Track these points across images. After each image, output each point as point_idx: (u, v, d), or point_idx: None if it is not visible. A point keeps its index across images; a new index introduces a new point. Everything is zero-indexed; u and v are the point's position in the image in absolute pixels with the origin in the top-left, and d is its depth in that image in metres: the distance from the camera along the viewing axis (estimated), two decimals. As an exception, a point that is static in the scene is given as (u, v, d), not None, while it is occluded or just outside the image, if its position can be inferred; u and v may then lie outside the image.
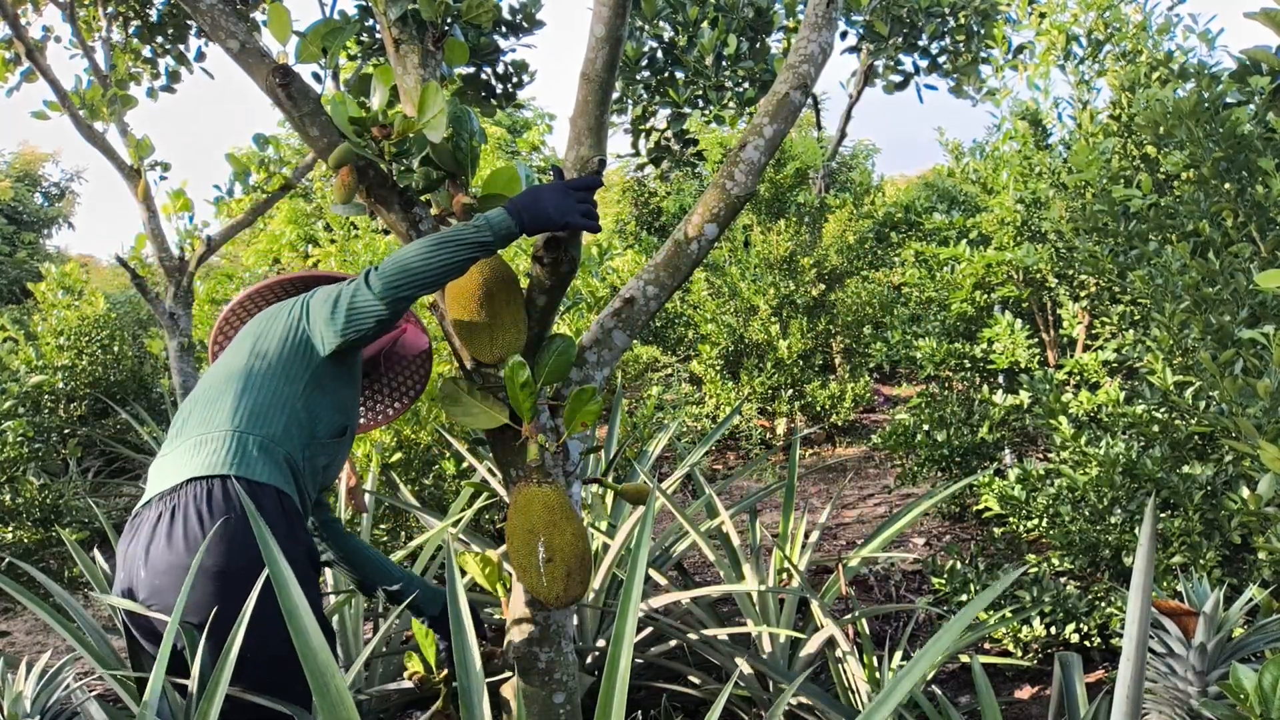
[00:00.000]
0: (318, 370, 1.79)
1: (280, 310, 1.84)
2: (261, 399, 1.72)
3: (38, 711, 1.49)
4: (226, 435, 1.67)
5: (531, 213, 1.64)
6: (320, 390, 1.79)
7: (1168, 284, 2.13)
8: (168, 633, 1.42)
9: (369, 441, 3.71)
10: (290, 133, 9.13)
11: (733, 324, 6.42)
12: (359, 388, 1.96)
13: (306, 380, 1.77)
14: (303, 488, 1.78)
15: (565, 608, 1.73)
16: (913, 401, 3.84)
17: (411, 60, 2.03)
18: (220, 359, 1.84)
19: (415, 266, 1.62)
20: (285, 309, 1.84)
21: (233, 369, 1.77)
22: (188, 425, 1.74)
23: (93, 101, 4.62)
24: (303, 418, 1.76)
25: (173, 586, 1.56)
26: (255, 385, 1.73)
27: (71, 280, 6.56)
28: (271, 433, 1.71)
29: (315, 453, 1.80)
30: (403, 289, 1.63)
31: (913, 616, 2.88)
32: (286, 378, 1.75)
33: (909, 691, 1.23)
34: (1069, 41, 3.25)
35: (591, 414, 1.76)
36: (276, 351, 1.76)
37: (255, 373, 1.74)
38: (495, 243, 1.64)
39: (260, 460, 1.67)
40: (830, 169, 9.01)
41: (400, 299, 1.65)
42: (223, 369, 1.79)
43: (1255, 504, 1.97)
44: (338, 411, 1.84)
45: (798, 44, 2.12)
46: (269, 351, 1.77)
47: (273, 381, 1.74)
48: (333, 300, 1.72)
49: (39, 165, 16.48)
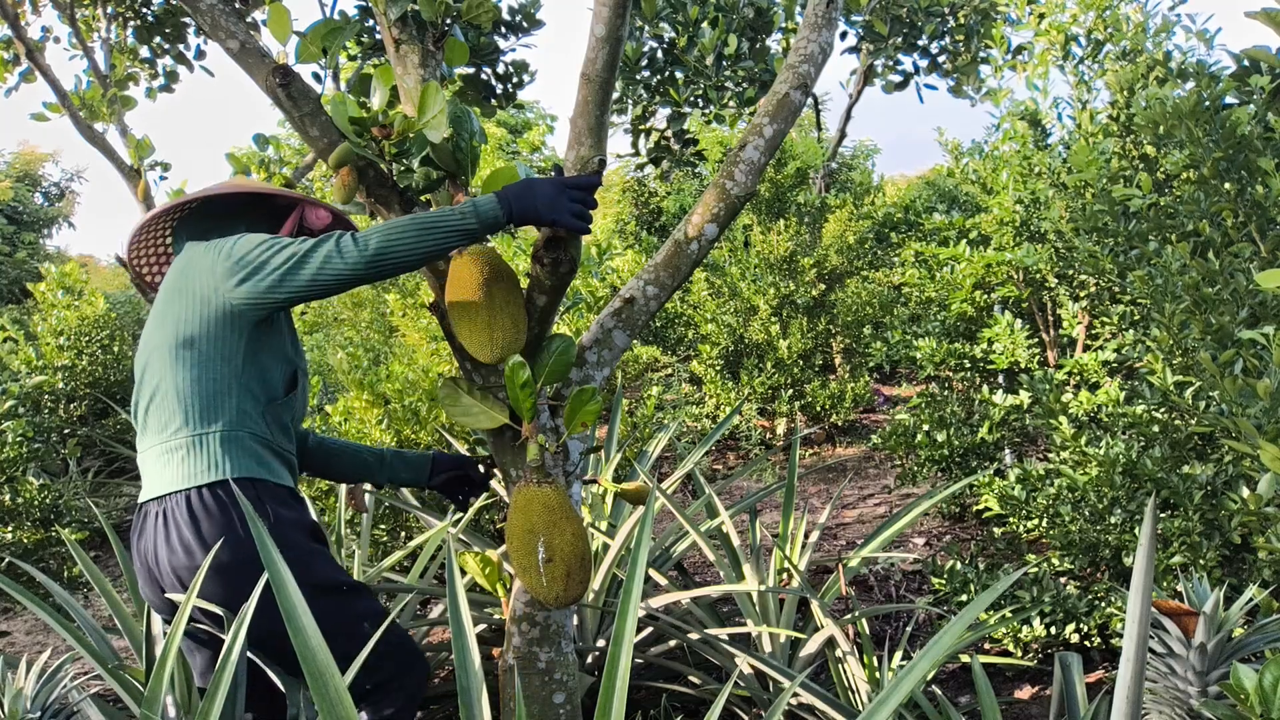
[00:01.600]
0: (251, 334, 1.74)
1: (189, 273, 1.74)
2: (206, 390, 1.70)
3: (38, 709, 1.49)
4: (187, 442, 1.69)
5: (521, 204, 1.62)
6: (260, 351, 1.76)
7: (1168, 284, 2.13)
8: (172, 629, 1.43)
9: (369, 441, 3.71)
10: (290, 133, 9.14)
11: (733, 324, 6.42)
12: (292, 323, 1.92)
13: (243, 350, 1.73)
14: (280, 450, 1.80)
15: (565, 608, 1.73)
16: (913, 401, 3.84)
17: (412, 60, 2.03)
18: (152, 337, 1.77)
19: (400, 246, 1.60)
20: (193, 271, 1.73)
21: (166, 361, 1.72)
22: (148, 425, 1.75)
23: (92, 102, 4.63)
24: (254, 388, 1.75)
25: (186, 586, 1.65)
26: (194, 378, 1.70)
27: (71, 280, 6.56)
28: (229, 420, 1.71)
29: (278, 413, 1.80)
30: (385, 265, 1.61)
31: (913, 616, 2.88)
32: (223, 357, 1.72)
33: (909, 691, 1.23)
34: (1068, 42, 3.25)
35: (591, 414, 1.76)
36: (203, 334, 1.71)
37: (189, 364, 1.71)
38: (480, 230, 1.63)
39: (226, 457, 1.69)
40: (830, 169, 9.01)
41: (381, 270, 1.62)
42: (158, 357, 1.74)
43: (1255, 504, 1.97)
44: (283, 363, 1.82)
45: (798, 44, 2.12)
46: (195, 337, 1.71)
47: (210, 367, 1.71)
48: (285, 264, 1.64)
49: (39, 165, 16.48)
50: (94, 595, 4.02)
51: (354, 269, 1.60)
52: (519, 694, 1.46)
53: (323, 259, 1.62)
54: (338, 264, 1.60)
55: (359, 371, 3.92)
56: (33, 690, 1.51)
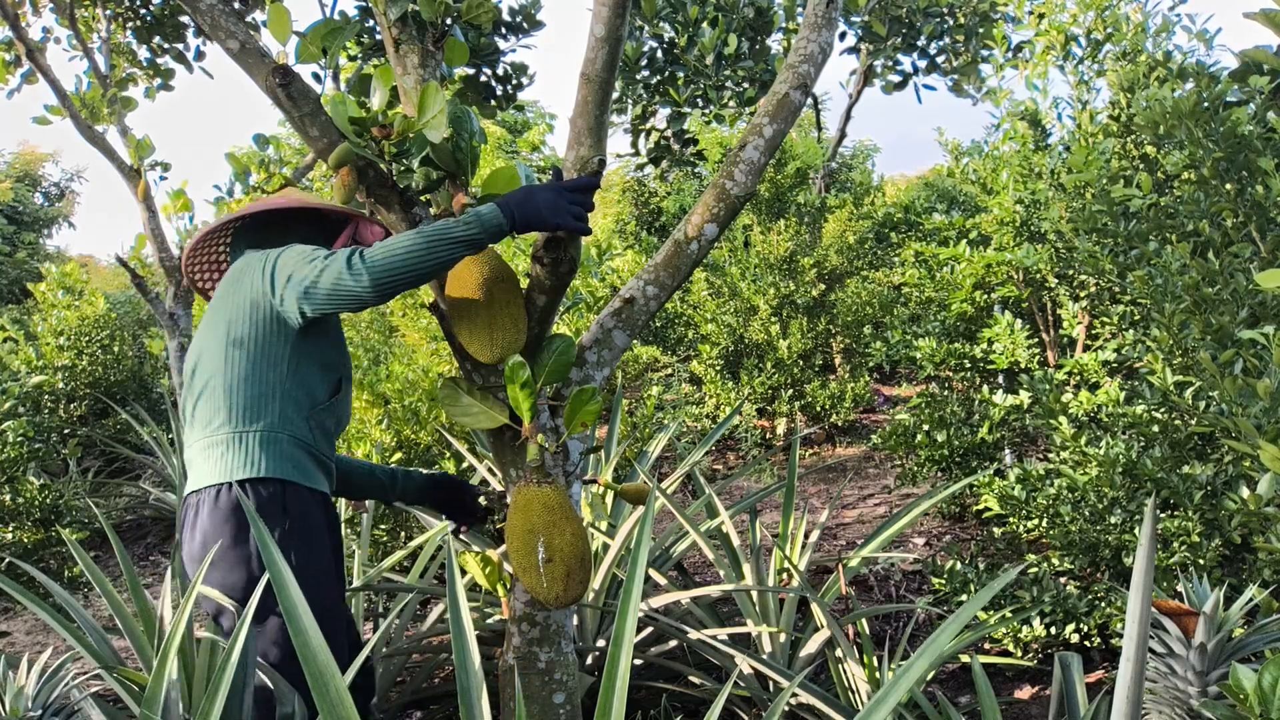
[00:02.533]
0: (296, 342, 1.81)
1: (243, 280, 1.82)
2: (252, 391, 1.76)
3: (39, 708, 1.50)
4: (229, 438, 1.75)
5: (523, 211, 1.64)
6: (306, 359, 1.82)
7: (1167, 284, 2.13)
8: (173, 627, 1.43)
9: (369, 442, 3.71)
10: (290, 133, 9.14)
11: (733, 324, 6.42)
12: (340, 330, 1.98)
13: (289, 356, 1.79)
14: (319, 455, 1.85)
15: (565, 608, 1.74)
16: (913, 402, 3.84)
17: (411, 60, 2.03)
18: (203, 337, 1.85)
19: (406, 262, 1.61)
20: (247, 278, 1.81)
21: (216, 360, 1.79)
22: (195, 420, 1.82)
23: (93, 103, 4.63)
24: (298, 394, 1.81)
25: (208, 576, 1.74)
26: (242, 378, 1.77)
27: (71, 280, 6.57)
28: (270, 422, 1.77)
29: (321, 419, 1.85)
30: (393, 282, 1.63)
31: (913, 616, 2.88)
32: (269, 362, 1.78)
33: (908, 691, 1.23)
34: (1068, 42, 3.25)
35: (591, 414, 1.76)
36: (251, 336, 1.78)
37: (238, 364, 1.77)
38: (485, 239, 1.64)
39: (263, 456, 1.75)
40: (830, 169, 9.01)
41: (391, 290, 1.64)
42: (208, 356, 1.81)
43: (1255, 504, 1.97)
44: (327, 370, 1.88)
45: (797, 44, 2.12)
46: (244, 338, 1.78)
47: (257, 370, 1.77)
48: (308, 276, 1.68)
49: (39, 165, 16.47)
50: (94, 595, 4.03)
51: (364, 289, 1.63)
52: (519, 694, 1.46)
53: (335, 277, 1.65)
54: (349, 284, 1.63)
55: (359, 372, 3.93)
56: (34, 689, 1.51)
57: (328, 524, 1.85)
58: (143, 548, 5.30)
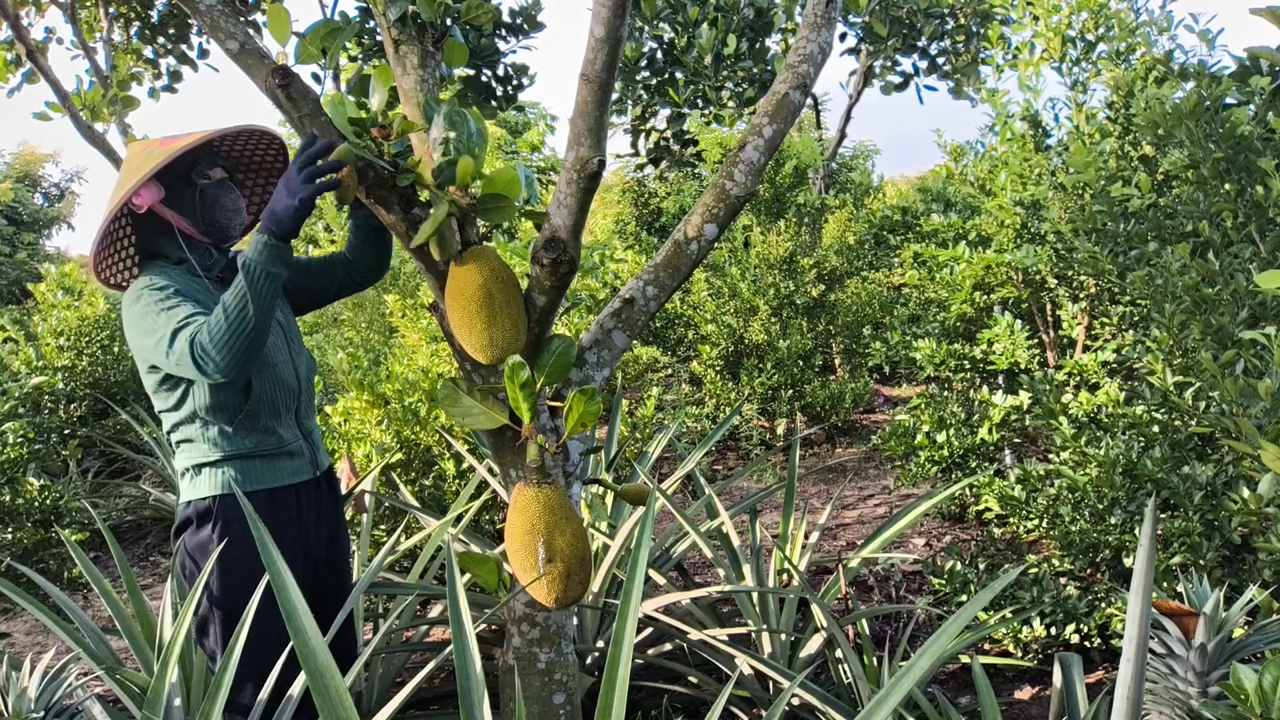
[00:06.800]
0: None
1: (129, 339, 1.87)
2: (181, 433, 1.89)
3: (42, 708, 1.50)
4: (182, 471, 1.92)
5: (276, 218, 1.70)
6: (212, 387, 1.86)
7: (1167, 285, 2.13)
8: (175, 629, 1.43)
9: (369, 442, 3.71)
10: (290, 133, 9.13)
11: (733, 324, 6.42)
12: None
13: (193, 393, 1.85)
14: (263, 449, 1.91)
15: (565, 608, 1.74)
16: (913, 402, 3.84)
17: (411, 61, 2.03)
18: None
19: (231, 335, 1.68)
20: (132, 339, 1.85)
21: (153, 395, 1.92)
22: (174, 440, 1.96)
23: (94, 102, 4.63)
24: (222, 414, 1.87)
25: None
26: (170, 420, 1.89)
27: (71, 281, 6.56)
28: (205, 450, 1.88)
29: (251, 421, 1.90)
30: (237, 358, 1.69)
31: (913, 617, 2.88)
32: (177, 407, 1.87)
33: (908, 691, 1.23)
34: (1064, 44, 3.26)
35: (591, 414, 1.76)
36: (155, 389, 1.88)
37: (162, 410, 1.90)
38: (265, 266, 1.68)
39: (207, 479, 1.88)
40: (830, 169, 9.01)
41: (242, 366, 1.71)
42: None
43: (1255, 504, 1.97)
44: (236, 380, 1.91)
45: (797, 44, 2.12)
46: (152, 388, 1.89)
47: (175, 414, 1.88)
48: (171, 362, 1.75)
49: (39, 166, 16.46)
50: (94, 596, 4.03)
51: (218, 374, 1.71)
52: (519, 694, 1.46)
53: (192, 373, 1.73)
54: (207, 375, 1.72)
55: (359, 372, 3.92)
56: (36, 690, 1.51)
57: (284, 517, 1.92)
58: (142, 548, 5.30)
